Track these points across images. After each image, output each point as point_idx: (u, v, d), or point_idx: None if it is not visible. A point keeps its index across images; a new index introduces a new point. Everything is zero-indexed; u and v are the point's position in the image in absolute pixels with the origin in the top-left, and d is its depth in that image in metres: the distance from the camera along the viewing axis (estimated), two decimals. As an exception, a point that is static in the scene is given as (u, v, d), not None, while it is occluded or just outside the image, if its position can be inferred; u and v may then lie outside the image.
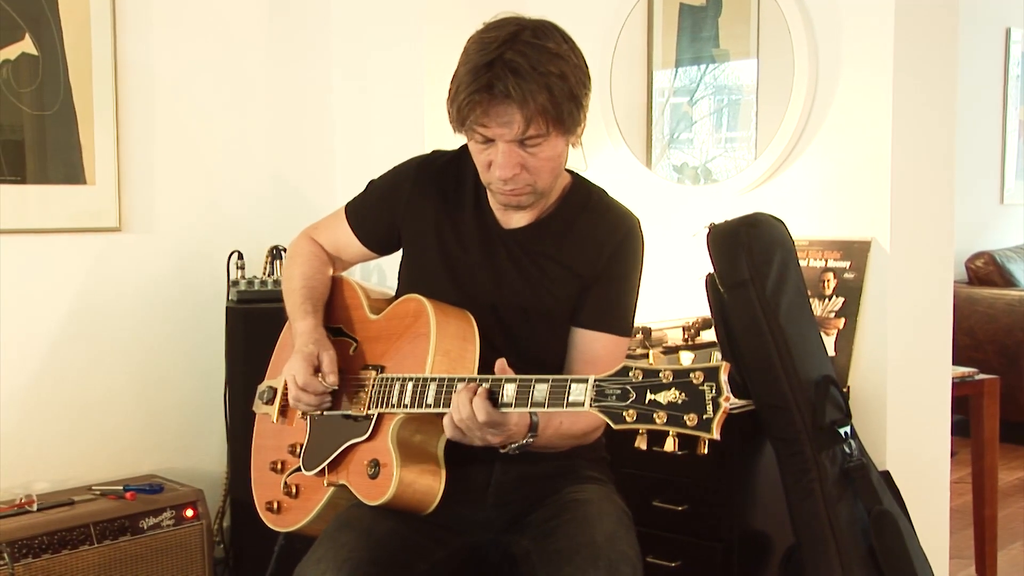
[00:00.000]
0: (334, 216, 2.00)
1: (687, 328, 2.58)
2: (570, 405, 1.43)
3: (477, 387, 1.53)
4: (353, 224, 1.96)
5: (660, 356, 1.36)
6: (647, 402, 1.35)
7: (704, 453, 1.33)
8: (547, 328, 1.80)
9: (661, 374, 1.35)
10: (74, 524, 2.52)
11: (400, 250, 1.93)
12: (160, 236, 2.99)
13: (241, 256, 2.94)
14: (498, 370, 1.55)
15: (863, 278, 2.45)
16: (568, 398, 1.43)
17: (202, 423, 3.07)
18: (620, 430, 1.37)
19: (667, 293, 2.74)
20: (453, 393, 1.56)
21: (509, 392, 1.51)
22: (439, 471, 1.68)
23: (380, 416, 1.69)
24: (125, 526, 2.60)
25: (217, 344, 2.97)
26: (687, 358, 1.37)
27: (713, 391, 1.31)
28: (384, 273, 2.99)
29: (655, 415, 1.33)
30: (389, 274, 2.80)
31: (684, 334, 2.58)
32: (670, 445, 1.32)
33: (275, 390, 1.92)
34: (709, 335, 2.54)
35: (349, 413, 1.74)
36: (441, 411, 1.58)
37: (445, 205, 1.84)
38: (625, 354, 1.83)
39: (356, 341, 1.85)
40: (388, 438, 1.65)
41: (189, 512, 2.71)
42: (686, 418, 1.31)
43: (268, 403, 1.93)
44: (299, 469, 1.81)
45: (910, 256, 2.51)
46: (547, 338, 1.80)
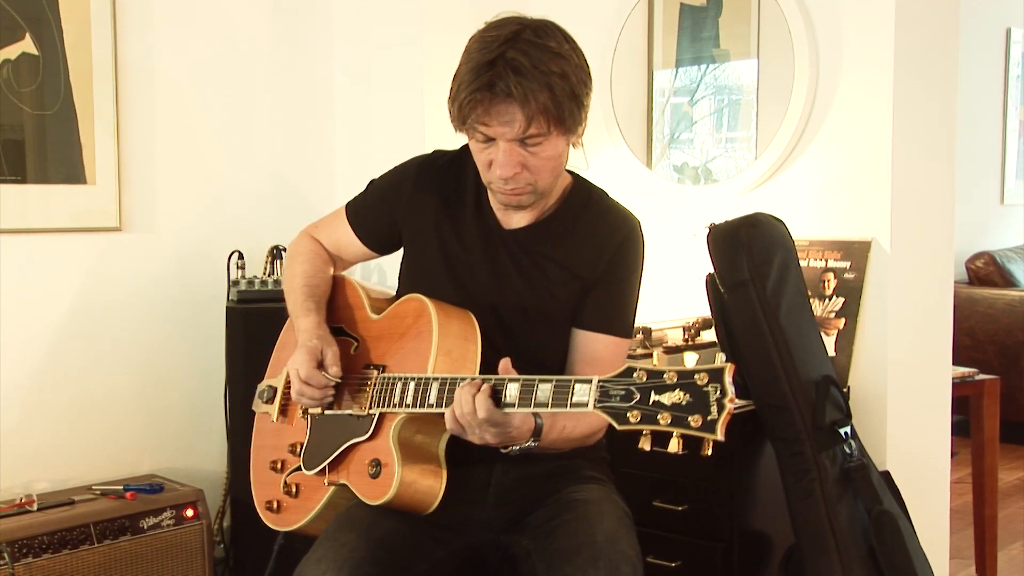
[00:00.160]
0: (335, 215, 2.00)
1: (687, 328, 2.58)
2: (574, 406, 1.43)
3: (481, 384, 1.53)
4: (354, 223, 1.96)
5: (663, 356, 1.35)
6: (651, 403, 1.34)
7: (708, 455, 1.32)
8: (547, 328, 1.80)
9: (665, 375, 1.34)
10: (74, 524, 2.52)
11: (400, 250, 1.93)
12: (160, 236, 2.99)
13: (241, 256, 2.94)
14: (502, 370, 1.55)
15: (863, 278, 2.45)
16: (572, 398, 1.43)
17: (202, 423, 3.07)
18: (624, 431, 1.37)
19: (667, 293, 2.74)
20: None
21: (513, 391, 1.51)
22: (440, 471, 1.68)
23: (381, 416, 1.68)
24: (125, 526, 2.59)
25: (217, 344, 2.96)
26: (691, 359, 1.36)
27: (717, 392, 1.30)
28: (384, 273, 2.99)
29: (659, 416, 1.33)
30: (389, 274, 2.80)
31: (684, 334, 2.58)
32: (675, 446, 1.32)
33: (275, 389, 1.92)
34: (709, 335, 2.54)
35: (350, 412, 1.74)
36: (443, 411, 1.58)
37: (446, 205, 1.83)
38: (626, 355, 1.83)
39: (358, 340, 1.85)
40: (389, 438, 1.65)
41: (189, 512, 2.70)
42: (690, 419, 1.31)
43: (268, 402, 1.93)
44: (299, 468, 1.80)
45: (910, 256, 2.51)
46: (547, 338, 1.80)
